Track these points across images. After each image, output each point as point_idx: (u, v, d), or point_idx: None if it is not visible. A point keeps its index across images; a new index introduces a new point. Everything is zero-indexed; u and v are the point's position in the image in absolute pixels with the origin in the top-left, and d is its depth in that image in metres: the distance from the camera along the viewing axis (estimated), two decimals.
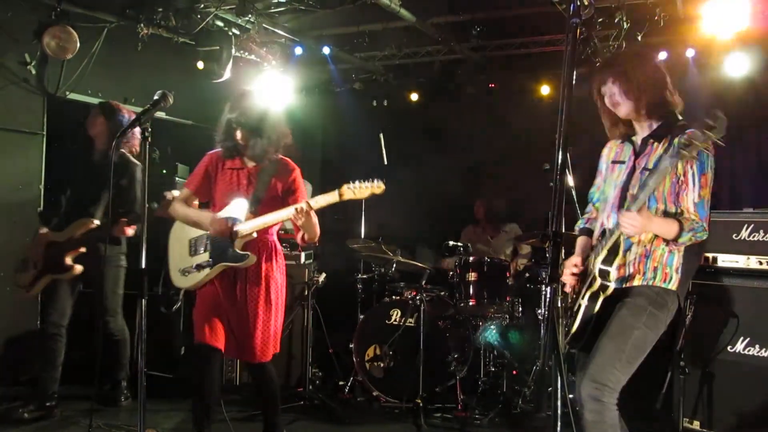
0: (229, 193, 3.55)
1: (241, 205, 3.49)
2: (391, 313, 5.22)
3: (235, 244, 3.43)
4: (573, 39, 1.87)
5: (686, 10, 5.49)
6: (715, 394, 4.14)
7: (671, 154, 2.48)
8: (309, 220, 3.42)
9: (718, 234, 4.26)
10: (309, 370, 5.14)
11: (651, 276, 2.79)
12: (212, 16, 5.91)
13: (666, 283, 2.79)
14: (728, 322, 4.12)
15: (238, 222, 3.45)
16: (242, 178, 3.58)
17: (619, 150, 2.99)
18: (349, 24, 6.57)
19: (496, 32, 6.52)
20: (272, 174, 3.58)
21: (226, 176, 3.60)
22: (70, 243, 4.41)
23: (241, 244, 3.45)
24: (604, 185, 3.03)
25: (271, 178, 3.57)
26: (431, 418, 4.81)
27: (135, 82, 6.28)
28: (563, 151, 1.84)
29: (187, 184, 3.73)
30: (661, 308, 2.78)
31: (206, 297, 3.54)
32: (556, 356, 1.77)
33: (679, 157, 2.44)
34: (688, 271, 2.89)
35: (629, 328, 2.73)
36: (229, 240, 3.43)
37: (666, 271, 2.80)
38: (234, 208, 3.50)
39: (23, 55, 5.42)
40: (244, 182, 3.57)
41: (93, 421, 4.26)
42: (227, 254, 3.43)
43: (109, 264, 4.60)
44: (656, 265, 2.79)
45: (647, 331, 2.74)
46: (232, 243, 3.43)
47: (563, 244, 2.07)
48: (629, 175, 2.84)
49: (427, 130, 8.03)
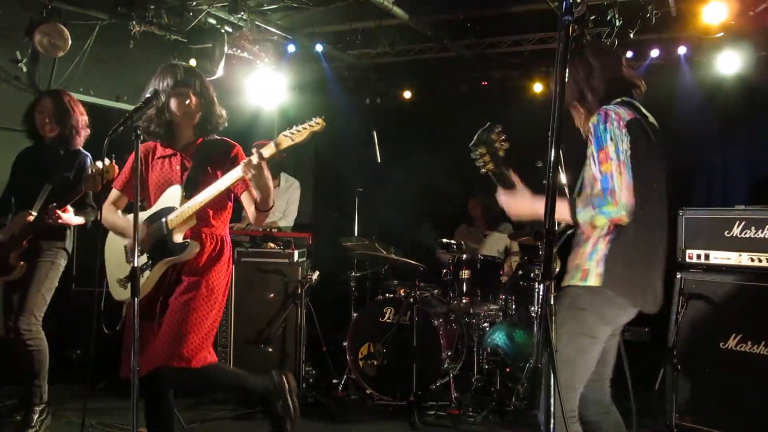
0: (163, 184, 3.17)
1: (175, 192, 3.10)
2: (385, 311, 5.22)
3: (173, 235, 3.04)
4: (565, 36, 1.87)
5: (678, 7, 5.51)
6: (707, 391, 4.15)
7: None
8: (262, 174, 2.93)
9: (711, 231, 4.28)
10: (302, 368, 5.14)
11: (573, 275, 2.61)
12: (204, 13, 5.89)
13: (584, 281, 2.57)
14: (720, 318, 4.14)
15: (169, 214, 3.06)
16: (174, 164, 3.18)
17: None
18: (341, 22, 6.56)
19: (489, 30, 6.53)
20: (210, 153, 3.19)
21: (157, 166, 3.21)
22: (12, 241, 4.04)
23: (181, 233, 3.05)
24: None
25: (209, 157, 3.18)
26: (425, 415, 4.82)
27: (127, 79, 6.26)
28: (556, 148, 1.84)
29: (114, 184, 3.35)
30: (582, 309, 2.57)
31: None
32: (549, 354, 1.77)
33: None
34: (626, 260, 2.57)
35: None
36: (165, 232, 3.05)
37: (585, 267, 2.58)
38: (167, 197, 3.12)
39: (14, 53, 5.39)
40: (176, 168, 3.17)
41: (86, 420, 4.25)
42: (166, 248, 3.04)
43: (41, 258, 4.14)
44: (578, 263, 2.61)
45: (571, 341, 2.55)
46: (170, 233, 3.04)
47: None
48: None
49: (420, 128, 8.03)
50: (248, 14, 5.90)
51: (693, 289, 4.25)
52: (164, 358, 2.97)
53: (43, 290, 4.12)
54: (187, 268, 3.11)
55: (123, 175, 3.32)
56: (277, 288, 5.31)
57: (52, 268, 4.18)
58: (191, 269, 3.11)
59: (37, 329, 4.12)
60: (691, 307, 4.20)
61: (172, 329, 3.00)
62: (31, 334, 4.08)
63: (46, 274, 4.13)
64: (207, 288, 3.10)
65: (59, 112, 4.20)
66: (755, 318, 4.03)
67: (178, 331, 2.99)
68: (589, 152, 2.61)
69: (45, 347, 4.16)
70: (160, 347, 2.99)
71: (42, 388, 4.18)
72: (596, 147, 2.51)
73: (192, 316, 3.03)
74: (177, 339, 2.98)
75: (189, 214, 3.01)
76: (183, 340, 2.98)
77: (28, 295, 4.07)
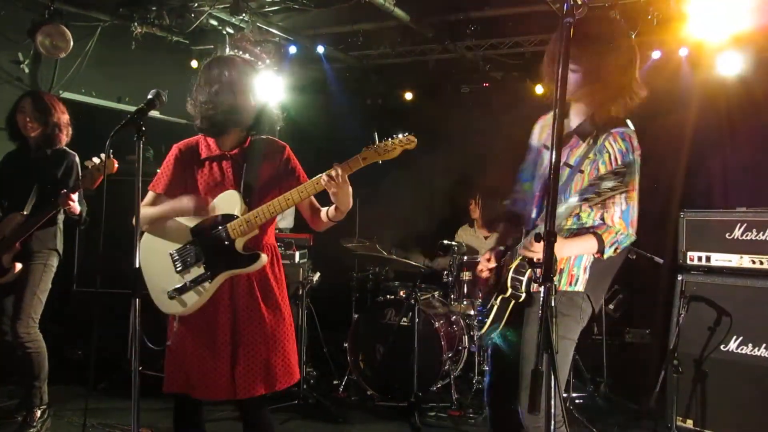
0: (213, 187, 2.89)
1: (232, 198, 2.84)
2: (386, 313, 5.23)
3: (235, 244, 2.80)
4: (567, 38, 1.88)
5: (679, 9, 5.51)
6: (708, 393, 4.16)
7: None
8: (345, 188, 2.78)
9: (712, 233, 4.28)
10: (303, 369, 5.14)
11: (557, 280, 2.59)
12: (206, 15, 5.91)
13: (572, 286, 2.63)
14: (721, 320, 4.14)
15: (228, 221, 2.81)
16: (225, 166, 2.91)
17: (549, 132, 2.66)
18: (343, 23, 6.57)
19: (490, 31, 6.53)
20: (261, 155, 2.95)
21: (205, 170, 2.92)
22: (5, 243, 4.01)
23: (242, 243, 2.82)
24: (536, 171, 2.80)
25: (261, 159, 2.94)
26: (426, 417, 4.82)
27: (128, 81, 6.28)
28: (557, 150, 1.85)
29: (152, 186, 2.99)
30: (566, 314, 2.60)
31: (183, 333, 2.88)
32: (550, 356, 1.78)
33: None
34: (604, 270, 2.68)
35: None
36: (225, 241, 2.80)
37: (572, 272, 2.63)
38: (223, 203, 2.85)
39: (16, 54, 5.42)
40: (228, 170, 2.91)
41: (87, 421, 4.26)
42: (229, 258, 2.79)
43: (33, 260, 4.12)
44: (562, 268, 2.62)
45: (559, 346, 2.52)
46: (231, 244, 2.80)
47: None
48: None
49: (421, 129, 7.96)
50: (250, 16, 5.91)
51: (694, 291, 4.25)
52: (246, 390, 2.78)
53: (38, 293, 4.12)
54: (260, 283, 2.89)
55: (164, 178, 2.97)
56: None
57: (45, 270, 4.16)
58: (262, 283, 2.89)
59: (35, 332, 4.12)
60: (692, 309, 4.21)
61: (260, 359, 2.81)
62: (30, 337, 4.08)
63: (40, 276, 4.12)
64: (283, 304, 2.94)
65: (40, 111, 4.18)
66: (756, 320, 4.04)
67: (266, 361, 2.82)
68: (591, 166, 2.55)
69: (44, 349, 4.15)
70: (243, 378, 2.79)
71: (42, 389, 4.18)
72: (630, 175, 2.51)
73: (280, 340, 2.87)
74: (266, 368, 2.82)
75: (256, 223, 2.79)
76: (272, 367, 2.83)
77: (24, 299, 4.06)
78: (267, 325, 2.84)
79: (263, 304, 2.86)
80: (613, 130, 2.57)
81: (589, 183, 2.27)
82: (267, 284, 2.89)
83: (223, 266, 2.79)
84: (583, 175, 2.59)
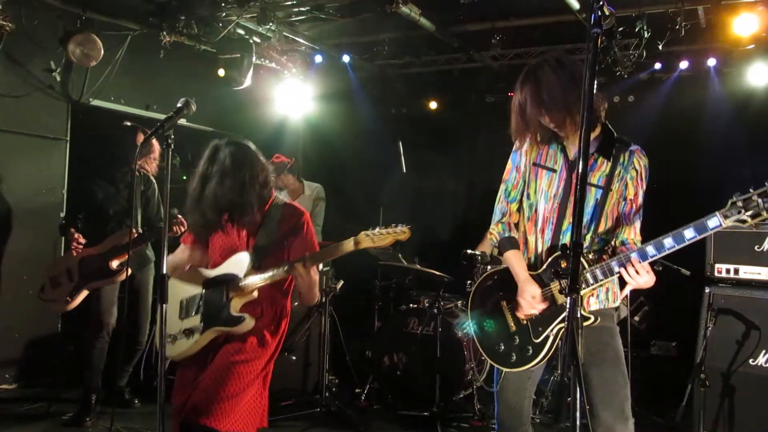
0: (228, 249, 3.05)
1: (242, 260, 2.95)
2: (409, 321, 5.22)
3: (231, 304, 2.91)
4: (594, 48, 1.86)
5: (708, 18, 5.46)
6: (735, 408, 4.09)
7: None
8: (306, 279, 2.87)
9: (741, 245, 4.22)
10: (326, 377, 5.14)
11: (604, 298, 2.65)
12: (234, 24, 5.98)
13: (615, 302, 2.69)
14: (750, 334, 4.08)
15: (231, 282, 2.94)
16: (241, 230, 3.06)
17: (542, 153, 2.70)
18: (368, 32, 6.60)
19: (516, 41, 6.52)
20: (278, 221, 3.06)
21: (225, 231, 3.08)
22: (113, 251, 4.50)
23: (240, 304, 2.92)
24: (529, 190, 2.74)
25: (276, 225, 3.05)
26: (448, 427, 4.80)
27: (157, 89, 6.37)
28: (584, 159, 1.83)
29: (183, 239, 3.25)
30: (614, 328, 2.68)
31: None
32: (575, 367, 1.76)
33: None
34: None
35: (620, 351, 2.62)
36: (224, 300, 2.92)
37: (615, 290, 2.68)
38: (232, 264, 2.97)
39: (49, 62, 5.52)
40: (243, 234, 3.05)
41: (113, 425, 4.32)
42: (220, 316, 2.91)
43: (150, 273, 4.90)
44: (608, 287, 2.65)
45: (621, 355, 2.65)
46: (228, 303, 2.92)
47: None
48: (566, 189, 2.62)
49: (446, 138, 8.03)
50: (276, 25, 5.97)
51: (722, 304, 4.19)
52: (195, 414, 2.80)
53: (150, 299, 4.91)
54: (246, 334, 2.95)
55: (191, 234, 3.20)
56: None
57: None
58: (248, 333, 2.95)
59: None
60: (719, 322, 4.14)
61: (210, 388, 2.83)
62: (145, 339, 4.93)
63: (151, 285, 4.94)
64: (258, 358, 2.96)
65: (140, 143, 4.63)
66: None
67: (216, 393, 2.81)
68: (620, 183, 2.61)
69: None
70: (196, 401, 2.82)
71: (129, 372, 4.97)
72: (644, 189, 2.63)
73: (235, 382, 2.85)
74: (213, 399, 2.80)
75: (252, 288, 2.90)
76: (218, 402, 2.80)
77: (146, 308, 4.90)
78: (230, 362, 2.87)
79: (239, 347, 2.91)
80: (632, 148, 2.64)
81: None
82: (259, 338, 2.96)
83: (213, 322, 2.92)
84: (612, 193, 2.61)
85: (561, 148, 2.67)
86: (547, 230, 2.66)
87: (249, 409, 2.92)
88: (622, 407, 2.55)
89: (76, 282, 4.50)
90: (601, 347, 2.57)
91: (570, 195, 2.60)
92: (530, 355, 2.58)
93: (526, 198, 2.76)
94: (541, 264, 2.65)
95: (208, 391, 2.82)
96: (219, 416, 2.78)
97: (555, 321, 2.56)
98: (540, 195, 2.69)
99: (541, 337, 2.57)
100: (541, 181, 2.69)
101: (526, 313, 2.60)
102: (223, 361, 2.89)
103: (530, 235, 2.73)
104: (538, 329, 2.59)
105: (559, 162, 2.66)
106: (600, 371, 2.54)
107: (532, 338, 2.59)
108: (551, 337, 2.56)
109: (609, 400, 2.54)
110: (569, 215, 2.60)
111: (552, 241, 2.65)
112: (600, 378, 2.53)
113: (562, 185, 2.63)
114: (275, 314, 3.07)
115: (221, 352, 2.92)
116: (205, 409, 2.78)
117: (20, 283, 5.27)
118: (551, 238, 2.65)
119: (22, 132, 5.40)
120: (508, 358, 2.64)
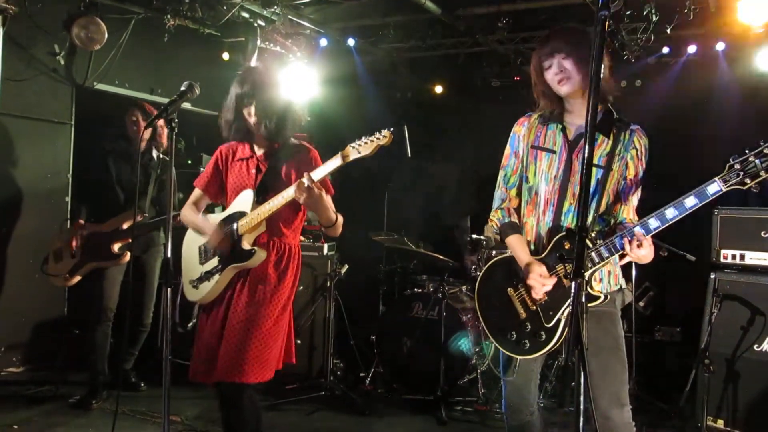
0: (238, 187, 3.14)
1: (247, 196, 3.06)
2: (413, 306, 5.22)
3: (242, 241, 3.00)
4: (601, 32, 1.84)
5: (717, 2, 5.40)
6: (739, 393, 4.09)
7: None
8: (316, 199, 2.85)
9: (747, 231, 4.20)
10: (330, 361, 5.17)
11: (607, 281, 2.63)
12: (238, 7, 5.94)
13: (617, 285, 2.65)
14: (755, 320, 4.07)
15: (240, 219, 3.03)
16: (251, 168, 3.14)
17: (541, 134, 2.69)
18: (374, 16, 6.56)
19: (522, 24, 6.47)
20: (286, 159, 3.13)
21: (236, 169, 3.18)
22: (117, 233, 4.50)
23: (251, 239, 3.02)
24: (528, 174, 2.72)
25: (283, 163, 3.12)
26: (452, 411, 4.82)
27: (161, 72, 6.35)
28: (590, 144, 1.82)
29: (196, 182, 3.33)
30: (618, 312, 2.65)
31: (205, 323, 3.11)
32: (580, 352, 1.75)
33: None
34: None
35: (619, 338, 2.59)
36: (236, 237, 3.02)
37: (616, 272, 2.66)
38: (239, 201, 3.10)
39: (52, 46, 5.50)
40: (252, 171, 3.13)
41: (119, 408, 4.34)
42: (235, 253, 3.01)
43: (157, 255, 4.87)
44: (609, 269, 2.63)
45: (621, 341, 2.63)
46: (239, 239, 3.01)
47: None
48: (566, 170, 2.60)
49: (451, 122, 8.00)
50: (281, 8, 5.93)
51: (727, 289, 4.18)
52: (223, 374, 2.90)
53: (156, 282, 4.91)
54: (254, 277, 3.03)
55: (204, 176, 3.27)
56: (306, 281, 5.35)
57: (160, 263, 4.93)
58: (258, 278, 3.03)
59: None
60: (724, 307, 4.14)
61: (232, 346, 2.92)
62: (150, 322, 4.94)
63: (158, 268, 4.91)
64: (272, 302, 3.03)
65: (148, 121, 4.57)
66: None
67: (239, 349, 2.90)
68: (620, 162, 2.59)
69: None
70: (221, 362, 2.92)
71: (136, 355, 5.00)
72: (643, 168, 2.62)
73: (255, 332, 2.94)
74: (237, 356, 2.89)
75: (258, 220, 2.97)
76: (243, 356, 2.90)
77: (152, 290, 4.89)
78: (245, 318, 2.95)
79: (249, 298, 2.99)
80: (633, 127, 2.62)
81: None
82: (263, 280, 3.03)
83: (231, 260, 3.02)
84: (613, 172, 2.58)
85: (561, 128, 2.64)
86: (548, 212, 2.64)
87: (275, 355, 3.02)
88: (618, 394, 2.54)
89: (77, 259, 4.52)
90: (601, 334, 2.56)
91: (570, 176, 2.58)
92: (543, 341, 2.56)
93: (525, 181, 2.74)
94: (543, 248, 2.63)
95: (231, 350, 2.91)
96: (249, 371, 2.88)
97: (565, 304, 2.54)
98: (540, 177, 2.67)
99: (553, 321, 2.55)
100: (541, 163, 2.67)
101: (539, 293, 2.56)
102: (238, 317, 2.96)
103: (531, 218, 2.71)
104: (549, 314, 2.56)
105: (559, 143, 2.63)
106: (597, 358, 2.51)
107: (544, 323, 2.56)
108: (563, 320, 2.54)
109: (605, 386, 2.53)
110: (570, 196, 2.58)
111: (553, 222, 2.62)
112: (597, 364, 2.50)
113: (563, 166, 2.61)
114: (283, 252, 3.10)
115: (234, 308, 3.00)
116: (234, 367, 2.88)
117: (26, 267, 5.28)
118: (552, 220, 2.63)
119: (27, 116, 5.38)
120: (522, 346, 2.61)
